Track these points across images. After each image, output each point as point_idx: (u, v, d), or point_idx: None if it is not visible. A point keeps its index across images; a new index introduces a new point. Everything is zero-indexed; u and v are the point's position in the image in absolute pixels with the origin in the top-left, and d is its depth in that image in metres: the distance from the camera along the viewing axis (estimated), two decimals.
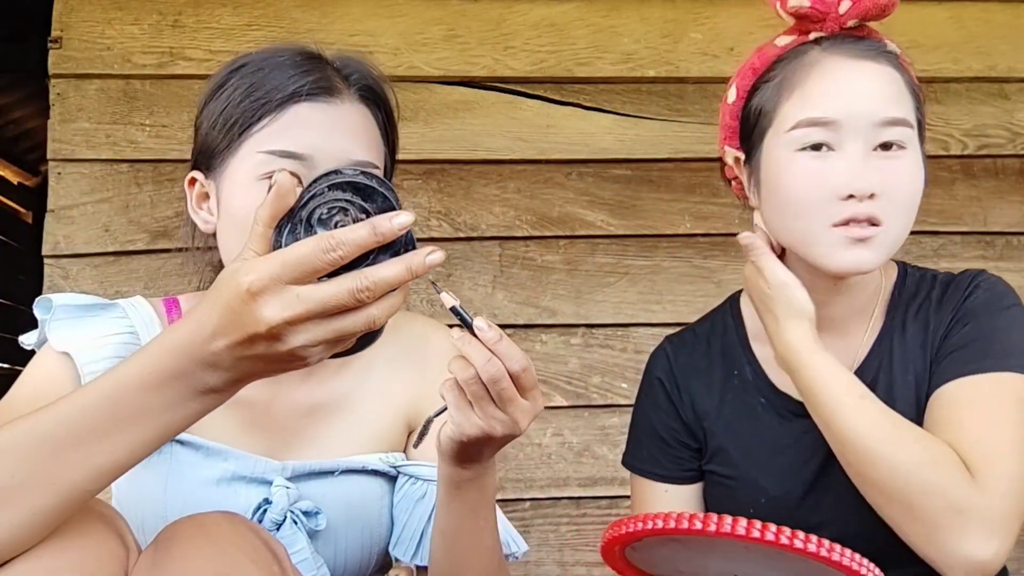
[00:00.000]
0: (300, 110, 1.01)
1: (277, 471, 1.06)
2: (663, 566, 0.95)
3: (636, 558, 0.98)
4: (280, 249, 0.74)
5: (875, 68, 1.08)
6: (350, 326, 0.74)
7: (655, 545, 0.94)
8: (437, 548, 1.02)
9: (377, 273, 0.73)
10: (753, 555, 0.89)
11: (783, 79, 1.10)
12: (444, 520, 0.99)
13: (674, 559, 0.94)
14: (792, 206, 1.08)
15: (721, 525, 0.85)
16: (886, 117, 1.05)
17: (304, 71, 1.03)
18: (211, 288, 0.77)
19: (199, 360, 0.76)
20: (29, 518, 0.77)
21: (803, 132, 1.07)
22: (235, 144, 1.02)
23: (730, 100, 1.18)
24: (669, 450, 1.23)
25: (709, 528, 0.86)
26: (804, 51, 1.11)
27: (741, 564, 0.91)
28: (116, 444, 0.78)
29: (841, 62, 1.08)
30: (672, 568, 0.94)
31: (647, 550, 0.95)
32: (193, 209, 1.08)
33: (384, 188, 0.76)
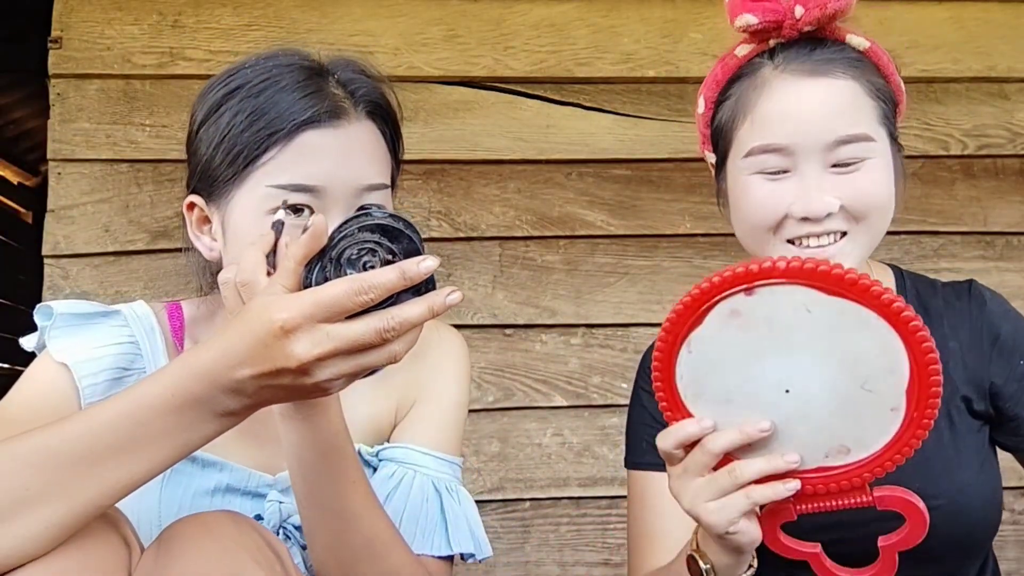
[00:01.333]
0: (308, 138, 0.96)
1: (270, 485, 1.06)
2: (714, 384, 0.89)
3: (686, 378, 0.91)
4: (312, 288, 0.78)
5: (826, 84, 1.05)
6: (373, 361, 0.78)
7: (709, 343, 0.88)
8: (302, 508, 0.97)
9: (402, 313, 0.77)
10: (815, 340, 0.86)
11: (737, 100, 1.10)
12: (295, 468, 0.95)
13: (727, 365, 0.88)
14: (750, 227, 1.09)
15: (802, 263, 0.84)
16: (838, 137, 1.03)
17: (308, 94, 0.98)
18: (238, 316, 0.79)
19: (222, 387, 0.78)
20: (42, 530, 0.78)
21: (756, 159, 1.06)
22: (240, 175, 0.97)
23: (700, 110, 1.20)
24: None
25: (793, 265, 0.84)
26: (758, 67, 1.09)
27: (801, 358, 0.86)
28: (132, 462, 0.79)
29: (790, 83, 1.06)
30: (722, 390, 0.88)
31: (699, 358, 0.89)
32: (194, 234, 1.05)
33: (409, 231, 0.80)
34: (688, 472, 0.90)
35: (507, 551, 1.98)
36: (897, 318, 0.84)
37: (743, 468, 0.87)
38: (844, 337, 0.85)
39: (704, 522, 0.90)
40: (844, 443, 0.88)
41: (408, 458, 1.09)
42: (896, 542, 0.91)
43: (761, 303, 0.86)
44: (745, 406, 0.88)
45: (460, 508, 1.10)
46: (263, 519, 1.04)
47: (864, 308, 0.84)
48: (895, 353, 0.84)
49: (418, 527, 1.06)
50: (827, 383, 0.86)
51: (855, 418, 0.87)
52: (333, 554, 0.96)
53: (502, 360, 2.01)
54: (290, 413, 0.91)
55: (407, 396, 1.13)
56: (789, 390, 0.87)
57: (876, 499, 0.90)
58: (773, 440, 0.88)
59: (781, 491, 0.88)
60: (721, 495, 0.88)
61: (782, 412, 0.88)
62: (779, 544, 0.93)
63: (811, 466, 0.89)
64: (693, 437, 0.89)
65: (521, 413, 2.01)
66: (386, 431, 1.14)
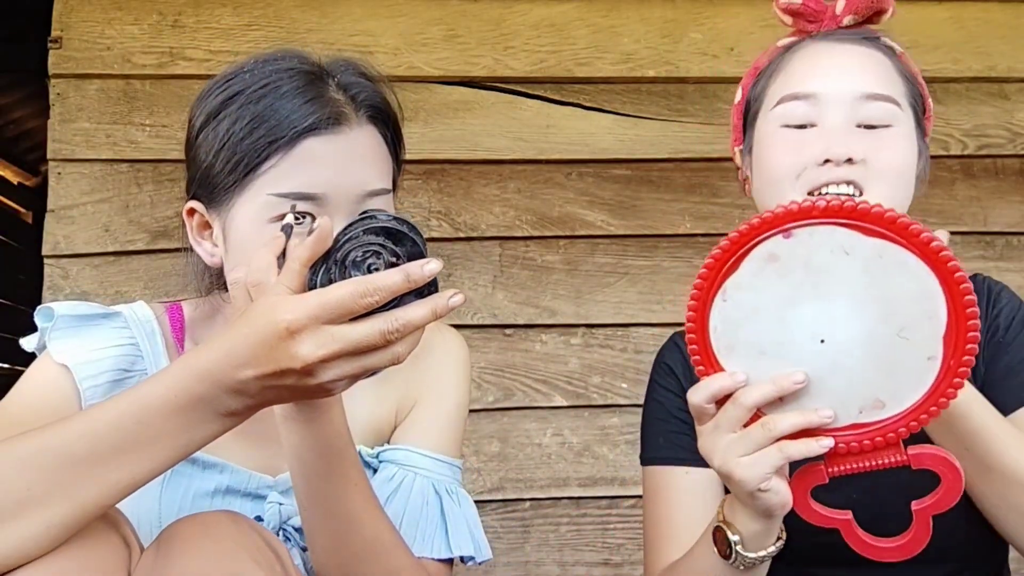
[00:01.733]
0: (310, 145, 0.96)
1: (270, 486, 1.06)
2: (747, 335, 0.87)
3: (720, 329, 0.89)
4: (317, 289, 0.78)
5: (860, 50, 1.08)
6: (377, 362, 0.78)
7: (744, 290, 0.87)
8: (302, 509, 0.97)
9: (406, 315, 0.77)
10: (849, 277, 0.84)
11: (773, 67, 1.13)
12: (296, 469, 0.95)
13: (762, 313, 0.86)
14: (772, 175, 1.08)
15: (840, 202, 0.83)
16: (868, 92, 1.05)
17: (309, 100, 0.97)
18: (243, 317, 0.79)
19: (226, 387, 0.79)
20: (43, 530, 0.78)
21: (785, 108, 1.07)
22: (241, 183, 0.97)
23: (736, 100, 1.20)
24: (687, 428, 1.17)
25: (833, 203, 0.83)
26: (800, 45, 1.13)
27: (837, 304, 0.84)
28: (134, 462, 0.79)
29: (825, 45, 1.10)
30: (756, 342, 0.87)
31: (734, 306, 0.88)
32: (195, 240, 1.05)
33: (414, 233, 0.81)
34: (720, 428, 0.88)
35: (507, 551, 1.98)
36: (936, 258, 0.82)
37: (777, 421, 0.85)
38: (882, 280, 0.83)
39: (736, 478, 0.87)
40: (879, 397, 0.85)
41: (408, 460, 1.09)
42: (930, 505, 0.88)
43: (799, 245, 0.85)
44: (778, 359, 0.86)
45: (460, 510, 1.10)
46: (263, 520, 1.04)
47: (903, 249, 0.82)
48: (933, 297, 0.83)
49: (418, 529, 1.06)
50: (863, 331, 0.84)
51: (890, 369, 0.85)
52: (334, 556, 0.96)
53: (502, 360, 2.01)
54: (292, 415, 0.90)
55: (408, 397, 1.13)
56: (824, 340, 0.85)
57: (911, 458, 0.87)
58: (806, 395, 0.86)
59: (815, 447, 0.85)
60: (754, 449, 0.86)
61: (816, 365, 0.86)
62: (809, 511, 0.90)
63: (844, 423, 0.86)
64: (726, 391, 0.88)
65: (521, 413, 2.01)
66: (386, 432, 1.14)
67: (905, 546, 0.89)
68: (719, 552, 0.97)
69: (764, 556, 0.96)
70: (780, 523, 0.94)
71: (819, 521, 0.91)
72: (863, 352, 0.85)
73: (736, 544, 0.94)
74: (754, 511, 0.92)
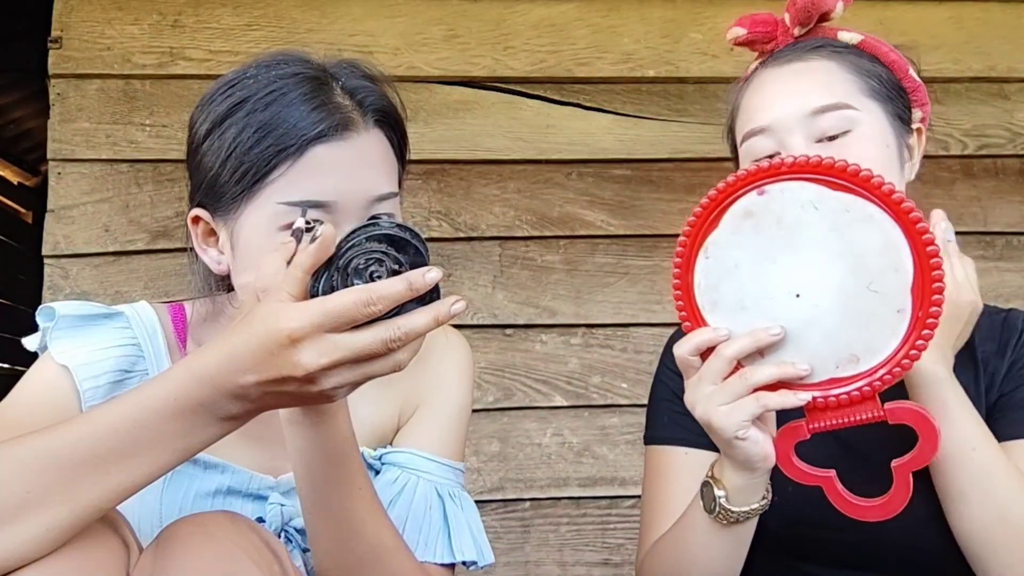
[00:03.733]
0: (318, 152, 0.95)
1: (272, 487, 1.06)
2: (729, 291, 0.91)
3: (703, 286, 0.92)
4: (319, 297, 0.78)
5: (800, 67, 1.11)
6: (379, 370, 0.79)
7: (722, 248, 0.91)
8: (307, 513, 0.96)
9: (408, 323, 0.78)
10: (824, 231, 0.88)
11: (736, 101, 1.17)
12: (301, 473, 0.94)
13: (741, 269, 0.90)
14: None
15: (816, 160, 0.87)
16: (815, 107, 1.07)
17: (316, 106, 0.96)
18: (244, 322, 0.79)
19: (226, 392, 0.79)
20: (42, 533, 0.78)
21: (749, 144, 1.11)
22: (250, 191, 0.96)
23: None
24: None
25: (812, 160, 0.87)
26: (755, 72, 1.16)
27: (810, 259, 0.88)
28: (134, 465, 0.79)
29: (770, 72, 1.13)
30: (737, 297, 0.91)
31: (715, 263, 0.92)
32: (200, 247, 1.04)
33: (416, 240, 0.81)
34: (703, 380, 0.92)
35: (507, 551, 1.98)
36: (898, 209, 0.86)
37: (754, 372, 0.90)
38: (850, 233, 0.88)
39: (715, 426, 0.91)
40: (853, 351, 0.89)
41: (411, 463, 1.09)
42: (908, 462, 0.90)
43: (772, 201, 0.90)
44: (758, 313, 0.91)
45: (463, 514, 1.10)
46: (265, 522, 1.04)
47: (868, 202, 0.87)
48: (899, 250, 0.86)
49: (421, 534, 1.06)
50: (836, 285, 0.88)
51: (863, 322, 0.88)
52: (337, 560, 0.96)
53: (502, 360, 2.01)
54: (298, 419, 0.90)
55: (410, 400, 1.13)
56: (800, 295, 0.89)
57: (888, 412, 0.90)
58: (784, 349, 0.90)
59: (792, 399, 0.89)
60: (733, 399, 0.90)
61: (794, 318, 0.90)
62: (793, 468, 0.94)
63: (822, 377, 0.90)
64: (708, 343, 0.92)
65: (521, 413, 2.01)
66: (389, 435, 1.14)
67: (886, 504, 0.91)
68: (704, 507, 1.00)
69: (747, 512, 0.98)
70: (766, 481, 0.98)
71: (802, 478, 0.94)
72: (836, 306, 0.89)
73: (720, 498, 0.98)
74: (736, 463, 0.95)
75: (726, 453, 0.96)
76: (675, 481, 1.16)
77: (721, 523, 0.99)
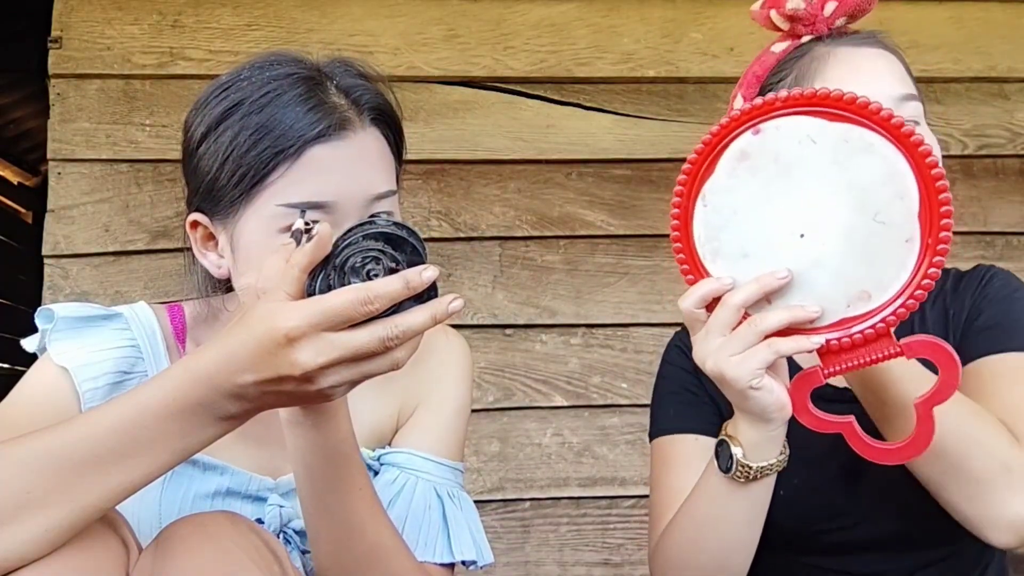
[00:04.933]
0: (316, 153, 0.94)
1: (271, 488, 1.06)
2: (730, 238, 0.88)
3: (703, 236, 0.90)
4: (316, 296, 0.78)
5: (881, 52, 1.10)
6: (376, 368, 0.79)
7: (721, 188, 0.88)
8: (307, 514, 0.96)
9: (406, 322, 0.77)
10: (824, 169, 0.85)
11: (798, 75, 1.11)
12: (301, 474, 0.94)
13: (741, 214, 0.87)
14: None
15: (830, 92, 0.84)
16: (903, 93, 1.07)
17: (312, 107, 0.95)
18: (242, 322, 0.79)
19: (225, 392, 0.79)
20: (41, 534, 0.78)
21: None
22: (248, 194, 0.95)
23: (738, 108, 1.18)
24: (696, 401, 1.19)
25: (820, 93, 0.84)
26: (808, 49, 1.12)
27: (812, 195, 0.85)
28: (133, 466, 0.80)
29: (851, 50, 1.10)
30: (739, 243, 0.87)
31: (714, 210, 0.88)
32: (199, 252, 1.03)
33: (413, 239, 0.81)
34: (711, 333, 0.89)
35: (507, 551, 1.98)
36: (899, 133, 0.82)
37: (763, 318, 0.87)
38: (851, 165, 0.84)
39: (728, 377, 0.88)
40: (864, 287, 0.85)
41: (410, 463, 1.09)
42: (930, 396, 0.86)
43: (767, 139, 0.86)
44: (762, 259, 0.87)
45: (462, 514, 1.10)
46: (264, 523, 1.03)
47: (867, 130, 0.83)
48: (902, 176, 0.83)
49: (420, 534, 1.06)
50: (840, 221, 0.85)
51: (872, 257, 0.85)
52: (337, 561, 0.96)
53: (502, 360, 2.01)
54: (298, 419, 0.90)
55: (409, 400, 1.13)
56: (804, 234, 0.86)
57: (905, 348, 0.86)
58: (793, 292, 0.86)
59: (805, 343, 0.86)
60: (744, 348, 0.87)
61: (799, 260, 0.86)
62: (810, 416, 0.90)
63: (834, 319, 0.86)
64: (714, 294, 0.89)
65: (521, 413, 2.01)
66: (388, 435, 1.13)
67: (911, 443, 0.87)
68: (720, 466, 0.97)
69: (765, 468, 0.95)
70: (783, 436, 0.95)
71: (820, 426, 0.90)
72: (843, 243, 0.85)
73: (737, 455, 0.95)
74: (752, 415, 0.92)
75: (740, 406, 0.93)
76: (686, 465, 1.13)
77: (739, 480, 0.96)
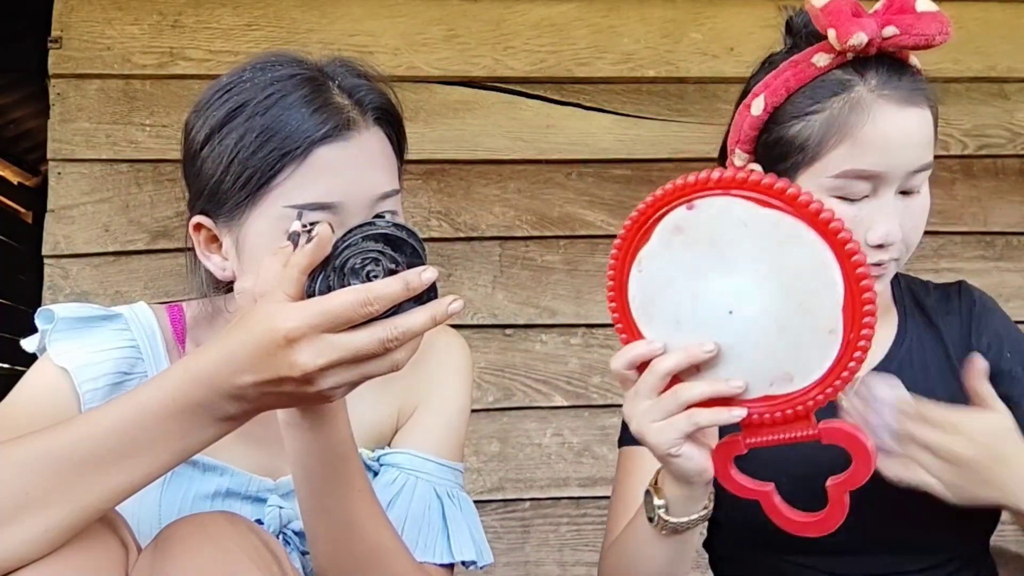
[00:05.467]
0: (322, 154, 0.95)
1: (271, 489, 1.06)
2: (664, 306, 0.89)
3: (638, 299, 0.91)
4: (316, 297, 0.78)
5: (919, 114, 1.06)
6: (376, 369, 0.79)
7: (656, 259, 0.89)
8: (305, 516, 0.96)
9: (405, 323, 0.78)
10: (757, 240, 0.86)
11: (831, 119, 1.06)
12: (300, 476, 0.94)
13: (674, 284, 0.89)
14: None
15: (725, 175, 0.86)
16: (920, 164, 1.05)
17: (317, 108, 0.96)
18: (240, 322, 0.79)
19: (224, 392, 0.79)
20: (41, 534, 0.78)
21: (845, 182, 1.05)
22: (254, 197, 0.96)
23: (755, 111, 1.13)
24: None
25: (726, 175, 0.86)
26: (850, 84, 1.06)
27: (742, 276, 0.86)
28: (133, 466, 0.80)
29: (892, 112, 1.05)
30: (672, 312, 0.89)
31: (648, 277, 0.90)
32: (203, 254, 1.03)
33: (413, 239, 0.81)
34: (639, 395, 0.91)
35: (507, 551, 1.98)
36: (826, 229, 0.83)
37: (685, 389, 0.88)
38: (780, 252, 0.85)
39: (649, 443, 0.91)
40: (787, 370, 0.87)
41: (410, 464, 1.09)
42: (842, 482, 0.89)
43: (701, 217, 0.87)
44: (693, 329, 0.88)
45: (462, 515, 1.10)
46: (263, 524, 1.03)
47: (796, 220, 0.84)
48: (828, 268, 0.84)
49: (420, 534, 1.06)
50: (767, 304, 0.86)
51: (796, 343, 0.86)
52: (336, 562, 0.96)
53: (502, 360, 2.01)
54: (296, 421, 0.90)
55: (409, 401, 1.13)
56: (732, 311, 0.87)
57: (822, 432, 0.88)
58: (720, 366, 0.88)
59: (725, 415, 0.88)
60: (665, 416, 0.89)
61: (727, 335, 0.88)
62: (731, 481, 0.93)
63: (757, 395, 0.88)
64: (643, 358, 0.91)
65: (521, 413, 2.01)
66: (388, 435, 1.14)
67: (821, 522, 0.91)
68: (647, 514, 0.99)
69: (687, 522, 0.97)
70: (707, 492, 0.97)
71: (740, 491, 0.93)
72: (769, 325, 0.87)
73: (659, 508, 0.97)
74: (673, 476, 0.95)
75: (665, 468, 0.95)
76: (639, 480, 1.14)
77: (661, 533, 0.98)
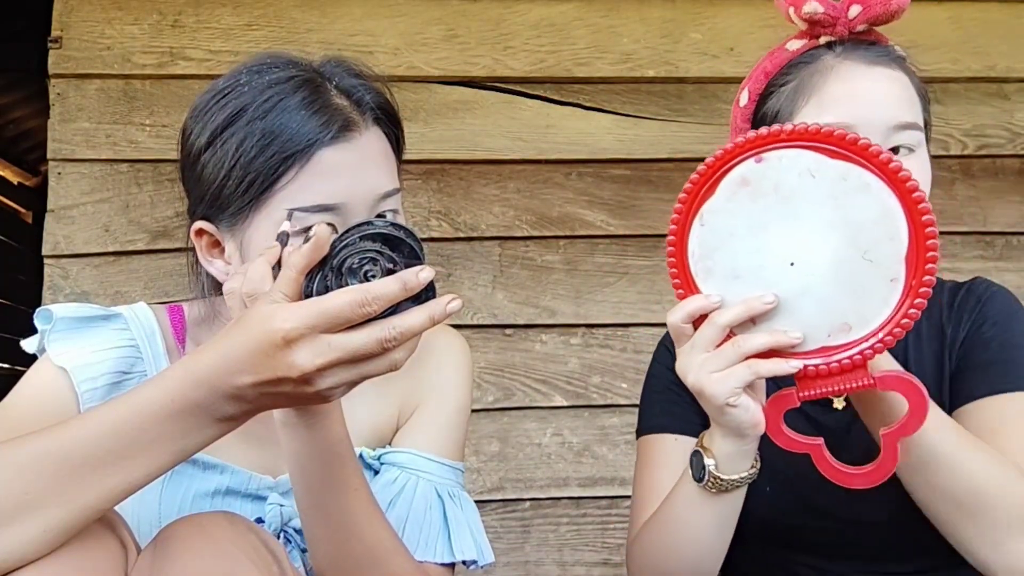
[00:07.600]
0: (324, 156, 0.95)
1: (271, 487, 1.06)
2: (723, 259, 0.91)
3: (697, 253, 0.92)
4: (313, 297, 0.78)
5: (888, 73, 1.09)
6: (374, 369, 0.79)
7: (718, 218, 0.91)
8: (303, 515, 0.96)
9: (404, 323, 0.78)
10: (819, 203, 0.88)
11: (799, 84, 1.11)
12: (296, 475, 0.94)
13: (736, 237, 0.90)
14: None
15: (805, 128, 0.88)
16: (900, 122, 1.06)
17: (317, 110, 0.96)
18: (239, 323, 0.79)
19: (222, 393, 0.79)
20: (39, 534, 0.78)
21: None
22: (257, 201, 0.95)
23: (742, 103, 1.18)
24: (680, 400, 1.20)
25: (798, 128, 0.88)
26: (818, 55, 1.11)
27: (806, 227, 0.88)
28: (132, 467, 0.80)
29: (857, 68, 1.09)
30: (731, 265, 0.90)
31: (710, 231, 0.92)
32: (205, 259, 1.03)
33: (411, 239, 0.81)
34: (696, 347, 0.92)
35: (507, 551, 1.98)
36: (896, 178, 0.86)
37: (747, 339, 0.90)
38: (846, 202, 0.87)
39: (708, 393, 0.91)
40: (846, 319, 0.89)
41: (411, 463, 1.09)
42: (896, 429, 0.89)
43: (769, 169, 0.89)
44: (752, 283, 0.90)
45: (463, 514, 1.10)
46: (264, 522, 1.04)
47: (865, 171, 0.87)
48: (895, 218, 0.86)
49: (421, 534, 1.06)
50: (830, 254, 0.88)
51: (857, 291, 0.88)
52: (334, 562, 0.96)
53: (502, 360, 2.01)
54: (292, 421, 0.90)
55: (409, 400, 1.13)
56: (794, 263, 0.89)
57: (878, 380, 0.89)
58: (777, 317, 0.90)
59: (784, 366, 0.89)
60: (726, 366, 0.90)
61: (787, 287, 0.89)
62: (782, 435, 0.93)
63: (814, 346, 0.90)
64: (701, 311, 0.92)
65: (521, 413, 2.01)
66: (388, 434, 1.14)
67: (872, 473, 0.91)
68: (693, 475, 1.00)
69: (736, 480, 0.98)
70: (755, 449, 0.98)
71: (791, 446, 0.94)
72: (830, 275, 0.89)
73: (710, 466, 0.98)
74: (726, 430, 0.95)
75: (717, 420, 0.96)
76: (664, 466, 1.16)
77: (710, 491, 0.99)
